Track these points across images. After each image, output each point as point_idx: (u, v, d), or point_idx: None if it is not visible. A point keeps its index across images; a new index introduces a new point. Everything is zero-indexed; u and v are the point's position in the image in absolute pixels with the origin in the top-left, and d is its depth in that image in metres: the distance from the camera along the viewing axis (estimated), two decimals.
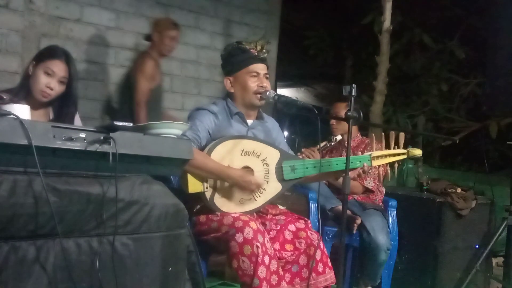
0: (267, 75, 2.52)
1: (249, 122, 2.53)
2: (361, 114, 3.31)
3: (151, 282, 1.70)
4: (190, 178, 2.24)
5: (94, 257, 1.57)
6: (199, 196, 2.29)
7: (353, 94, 2.24)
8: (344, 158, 2.39)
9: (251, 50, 2.46)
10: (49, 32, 3.54)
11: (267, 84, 2.48)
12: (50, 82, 2.22)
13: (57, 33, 3.58)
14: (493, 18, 3.80)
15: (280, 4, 4.87)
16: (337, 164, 2.48)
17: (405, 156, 2.65)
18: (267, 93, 2.45)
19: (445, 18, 5.81)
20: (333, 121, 3.36)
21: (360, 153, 2.77)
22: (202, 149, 2.34)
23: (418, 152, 2.69)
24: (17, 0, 3.42)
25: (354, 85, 2.24)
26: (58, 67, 2.23)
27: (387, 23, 4.31)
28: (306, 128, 4.18)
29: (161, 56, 3.68)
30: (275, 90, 4.13)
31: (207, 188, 2.28)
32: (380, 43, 4.40)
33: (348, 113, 2.22)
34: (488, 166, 3.88)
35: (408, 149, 2.68)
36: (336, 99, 3.48)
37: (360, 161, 2.54)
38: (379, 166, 3.10)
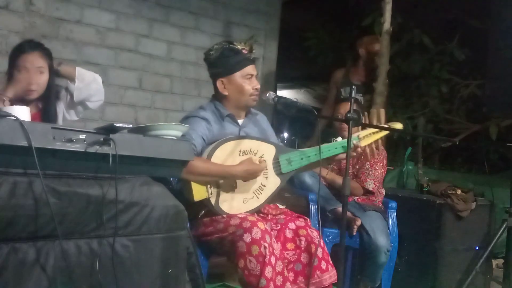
0: (257, 75, 2.52)
1: (240, 121, 2.53)
2: (361, 115, 3.31)
3: (151, 284, 1.70)
4: (194, 186, 2.21)
5: (94, 259, 1.57)
6: (204, 202, 2.28)
7: (353, 95, 2.24)
8: (337, 142, 2.50)
9: (243, 51, 2.43)
10: (49, 33, 3.54)
11: (258, 85, 2.48)
12: (28, 78, 2.18)
13: (57, 35, 3.58)
14: (493, 19, 3.80)
15: (279, 6, 4.88)
16: (329, 150, 2.50)
17: (387, 132, 2.78)
18: (267, 94, 2.45)
19: (445, 19, 5.80)
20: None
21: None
22: (199, 156, 2.32)
23: (399, 125, 2.79)
24: (17, 1, 3.42)
25: (354, 87, 2.24)
26: (30, 60, 2.19)
27: (387, 24, 4.30)
28: (305, 129, 4.19)
29: (367, 69, 4.18)
30: (275, 92, 4.13)
31: (211, 193, 2.26)
32: (380, 45, 4.39)
33: (348, 115, 2.23)
34: (488, 167, 3.88)
35: (389, 123, 2.81)
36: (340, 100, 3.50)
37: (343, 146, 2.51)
38: (380, 167, 3.13)
